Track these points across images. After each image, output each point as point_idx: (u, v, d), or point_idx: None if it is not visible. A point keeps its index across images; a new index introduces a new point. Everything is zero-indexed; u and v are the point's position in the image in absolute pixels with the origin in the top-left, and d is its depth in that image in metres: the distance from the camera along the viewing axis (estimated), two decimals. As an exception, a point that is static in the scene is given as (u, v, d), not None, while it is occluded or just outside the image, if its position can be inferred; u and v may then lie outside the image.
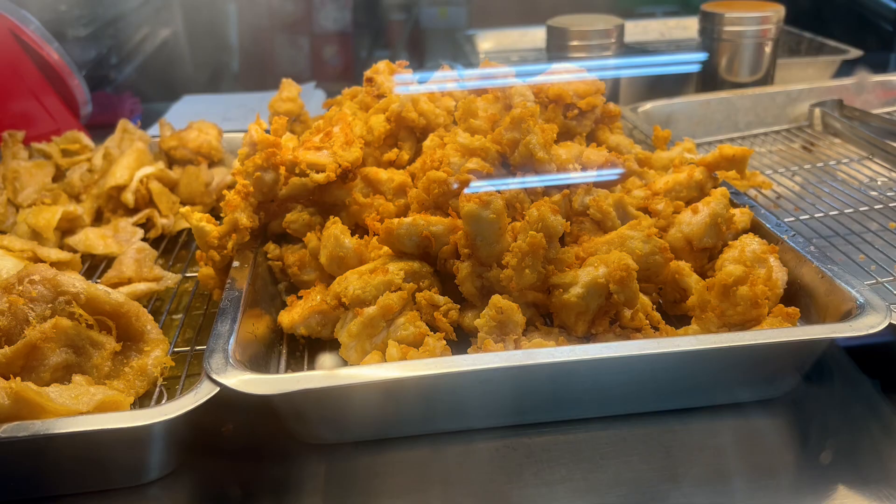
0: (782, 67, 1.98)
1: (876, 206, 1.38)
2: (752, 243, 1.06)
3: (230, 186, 1.47)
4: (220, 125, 2.04)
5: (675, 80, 2.01)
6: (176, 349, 1.08)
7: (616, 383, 0.91)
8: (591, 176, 1.08)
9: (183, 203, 1.46)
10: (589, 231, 1.10)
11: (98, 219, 1.43)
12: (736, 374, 0.92)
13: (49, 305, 0.97)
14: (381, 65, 1.31)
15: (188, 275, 1.28)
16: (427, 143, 1.20)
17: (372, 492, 0.87)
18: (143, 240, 1.35)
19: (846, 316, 0.92)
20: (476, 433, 0.93)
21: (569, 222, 1.10)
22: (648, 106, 1.74)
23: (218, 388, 0.82)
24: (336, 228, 1.07)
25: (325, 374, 0.84)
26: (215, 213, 1.50)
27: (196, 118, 2.12)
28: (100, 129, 2.04)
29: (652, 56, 1.24)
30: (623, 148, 1.26)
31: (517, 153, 1.10)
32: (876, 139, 1.58)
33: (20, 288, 0.97)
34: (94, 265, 1.32)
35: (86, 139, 1.55)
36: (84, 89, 1.91)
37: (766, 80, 1.87)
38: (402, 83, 1.26)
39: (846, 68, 2.09)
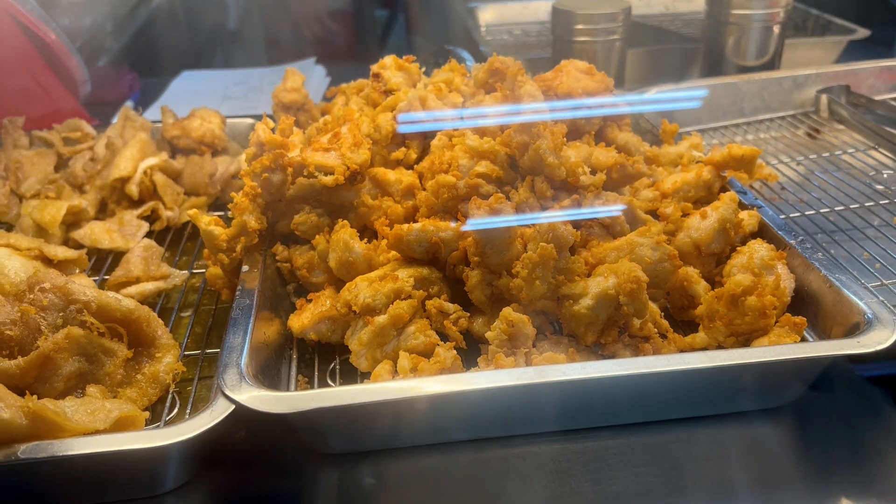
0: (788, 47, 1.96)
1: (881, 202, 1.38)
2: (760, 250, 1.07)
3: (234, 176, 1.47)
4: (221, 104, 2.03)
5: (680, 62, 2.00)
6: (186, 353, 1.08)
7: (625, 396, 0.92)
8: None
9: (187, 193, 1.45)
10: (598, 235, 1.10)
11: (102, 209, 1.42)
12: (742, 386, 0.94)
13: (60, 314, 0.97)
14: (388, 60, 1.29)
15: (195, 271, 1.28)
16: (435, 142, 1.19)
17: (385, 502, 0.89)
18: (149, 232, 1.35)
19: (854, 329, 0.93)
20: (486, 442, 0.95)
21: (578, 229, 1.11)
22: (654, 91, 1.72)
23: (233, 406, 0.83)
24: (345, 233, 1.07)
25: (338, 391, 0.85)
26: (219, 203, 1.50)
27: (195, 96, 2.11)
28: (99, 106, 2.02)
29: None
30: (631, 146, 1.25)
31: (527, 157, 1.09)
32: (882, 129, 1.57)
33: (31, 297, 0.97)
34: (101, 258, 1.32)
35: (87, 127, 1.54)
36: (82, 69, 1.88)
37: (773, 63, 1.85)
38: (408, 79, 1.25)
39: (853, 47, 2.07)
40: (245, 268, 1.08)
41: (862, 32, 2.05)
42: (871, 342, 0.89)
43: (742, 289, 0.98)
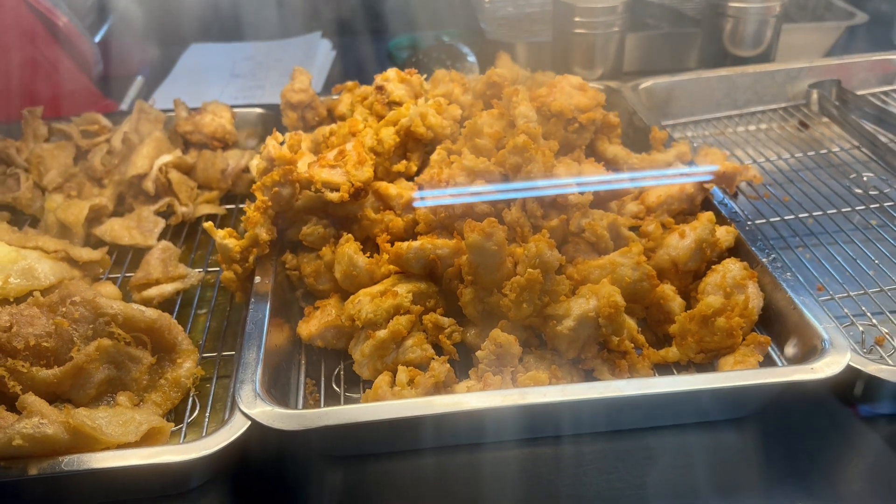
0: (786, 32, 1.98)
1: (857, 207, 1.46)
2: (733, 269, 1.15)
3: (244, 170, 1.55)
4: (229, 83, 2.09)
5: (678, 48, 2.03)
6: (204, 354, 1.18)
7: (599, 412, 1.02)
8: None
9: (200, 187, 1.53)
10: (584, 252, 1.18)
11: (120, 203, 1.50)
12: (705, 404, 1.04)
13: (90, 326, 1.07)
14: (391, 73, 1.35)
15: (210, 269, 1.37)
16: (434, 156, 1.26)
17: (382, 498, 1.00)
18: (165, 227, 1.44)
19: (812, 352, 1.03)
20: (474, 447, 1.05)
21: (566, 244, 1.20)
22: (649, 83, 1.77)
23: (250, 422, 0.94)
24: (349, 247, 1.15)
25: (344, 411, 0.95)
26: (230, 195, 1.58)
27: (204, 73, 2.16)
28: (111, 80, 2.08)
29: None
30: (620, 159, 1.32)
31: (519, 178, 1.17)
32: (865, 130, 1.63)
33: (63, 309, 1.07)
34: (121, 253, 1.41)
35: (104, 120, 1.61)
36: (94, 50, 1.94)
37: (769, 53, 1.89)
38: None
39: (853, 30, 2.10)
40: (257, 279, 1.17)
41: (860, 17, 2.08)
42: (824, 368, 0.98)
43: (713, 311, 1.07)
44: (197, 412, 1.10)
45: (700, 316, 1.08)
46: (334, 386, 1.14)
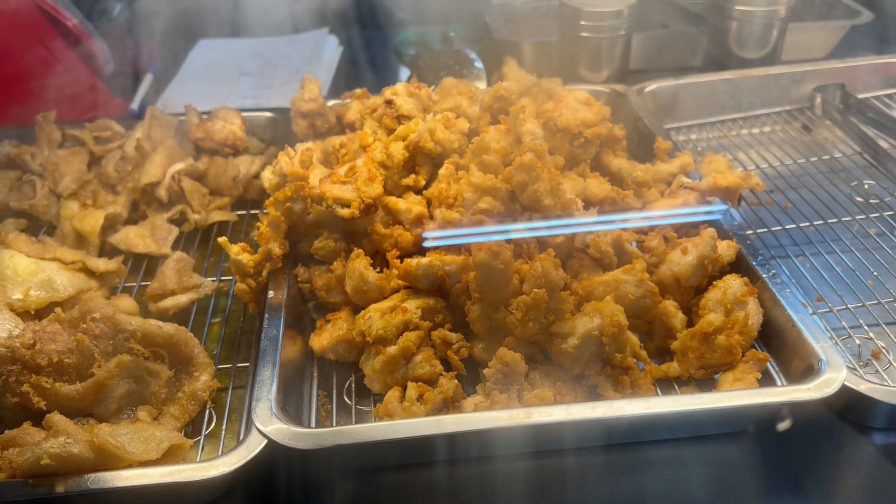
0: (791, 31, 1.99)
1: (858, 216, 1.48)
2: (734, 285, 1.18)
3: (254, 176, 1.58)
4: (238, 81, 2.11)
5: (683, 48, 2.04)
6: (219, 366, 1.22)
7: (601, 428, 1.06)
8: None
9: (211, 193, 1.56)
10: (588, 267, 1.21)
11: (134, 209, 1.53)
12: (704, 421, 1.07)
13: (110, 342, 1.11)
14: (400, 87, 1.37)
15: (224, 278, 1.40)
16: (442, 171, 1.29)
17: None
18: (178, 234, 1.47)
19: (809, 370, 1.06)
20: (482, 459, 1.09)
21: (570, 259, 1.23)
22: (654, 86, 1.79)
23: (266, 441, 0.98)
24: (360, 263, 1.18)
25: (355, 430, 0.99)
26: (241, 201, 1.61)
27: (212, 70, 2.18)
28: (121, 77, 2.10)
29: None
30: (624, 172, 1.35)
31: (525, 195, 1.19)
32: (868, 136, 1.64)
33: (84, 326, 1.11)
34: (136, 260, 1.44)
35: (116, 126, 1.63)
36: (104, 50, 1.95)
37: (774, 55, 1.90)
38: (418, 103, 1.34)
39: (857, 31, 2.10)
40: (270, 293, 1.21)
41: (866, 16, 2.08)
42: (819, 388, 1.02)
43: (713, 328, 1.11)
44: (214, 424, 1.14)
45: (701, 333, 1.11)
46: (346, 398, 1.18)
